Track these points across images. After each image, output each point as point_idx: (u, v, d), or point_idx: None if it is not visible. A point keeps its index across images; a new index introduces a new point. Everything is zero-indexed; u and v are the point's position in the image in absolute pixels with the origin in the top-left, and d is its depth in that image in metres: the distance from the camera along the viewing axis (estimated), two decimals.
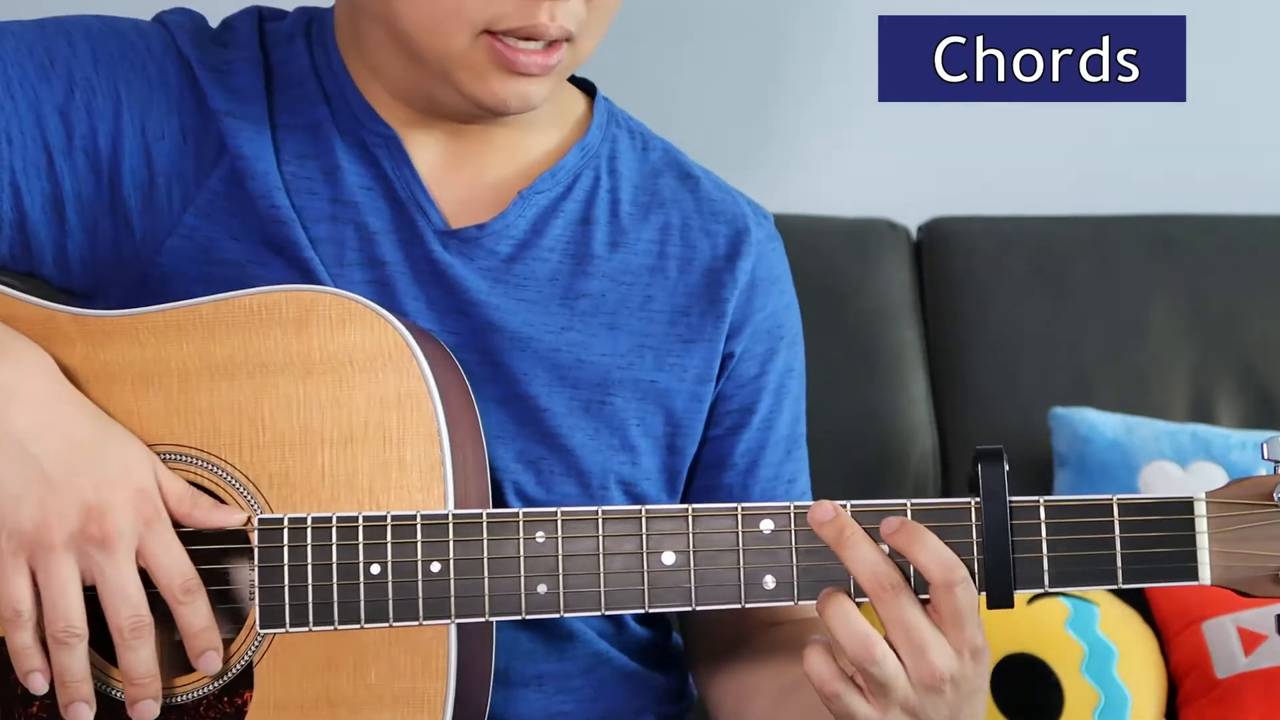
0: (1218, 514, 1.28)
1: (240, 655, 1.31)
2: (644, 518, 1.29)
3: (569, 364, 1.45)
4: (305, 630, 1.29)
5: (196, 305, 1.34)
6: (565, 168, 1.48)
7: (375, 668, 1.31)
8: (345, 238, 1.42)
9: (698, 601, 1.29)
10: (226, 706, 1.31)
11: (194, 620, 1.29)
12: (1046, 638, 2.00)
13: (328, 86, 1.45)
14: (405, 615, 1.29)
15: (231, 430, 1.32)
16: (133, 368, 1.34)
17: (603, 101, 1.53)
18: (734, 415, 1.52)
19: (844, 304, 2.27)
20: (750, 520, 1.29)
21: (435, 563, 1.29)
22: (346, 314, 1.33)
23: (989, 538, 1.27)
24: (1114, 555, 1.28)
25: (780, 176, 2.44)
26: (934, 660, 1.25)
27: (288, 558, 1.29)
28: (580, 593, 1.29)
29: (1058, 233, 2.35)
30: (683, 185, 1.53)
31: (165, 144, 1.41)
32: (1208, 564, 1.28)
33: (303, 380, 1.32)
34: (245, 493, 1.32)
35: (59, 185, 1.39)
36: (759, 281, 1.52)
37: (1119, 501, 1.28)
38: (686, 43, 2.46)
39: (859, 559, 1.26)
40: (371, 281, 1.42)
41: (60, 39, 1.41)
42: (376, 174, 1.44)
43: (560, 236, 1.47)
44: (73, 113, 1.39)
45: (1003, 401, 2.26)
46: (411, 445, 1.31)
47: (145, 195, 1.40)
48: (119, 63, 1.41)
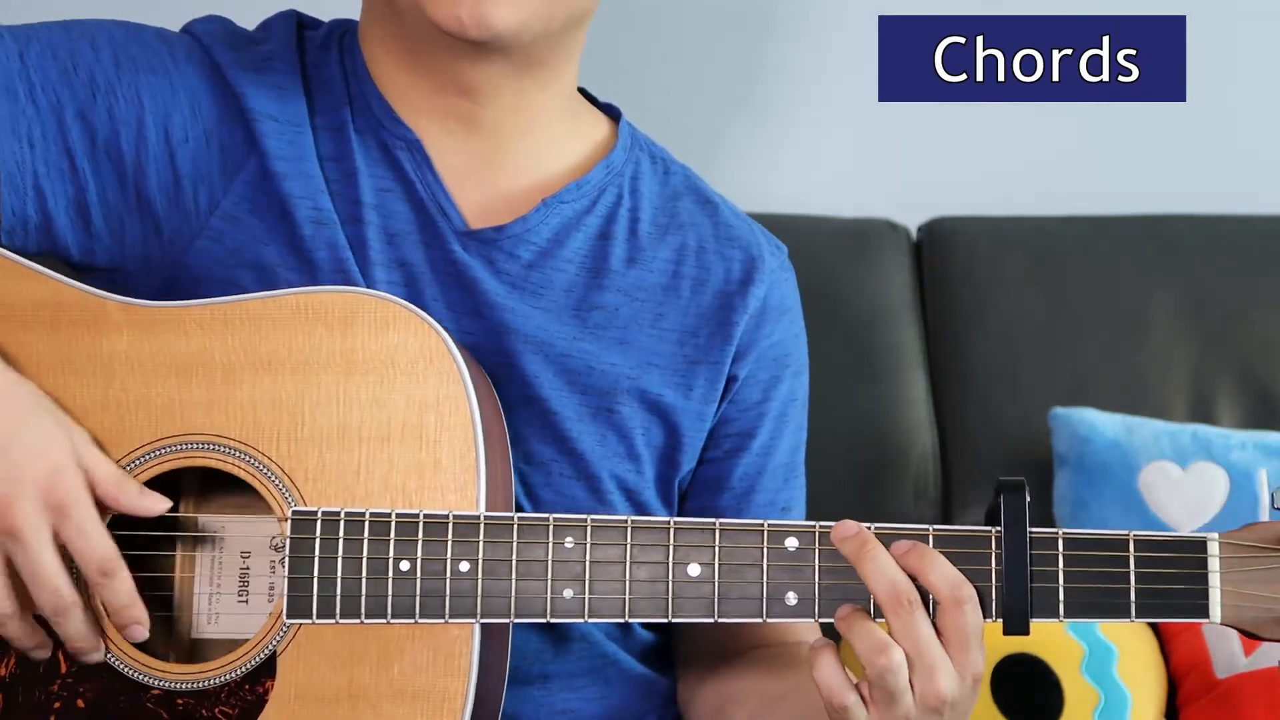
0: (1230, 555, 1.32)
1: (265, 644, 1.33)
2: (671, 529, 1.31)
3: (579, 370, 1.46)
4: (331, 622, 1.31)
5: (244, 301, 1.36)
6: (591, 182, 1.50)
7: (398, 663, 1.32)
8: (369, 239, 1.44)
9: (720, 614, 1.30)
10: (248, 694, 1.32)
11: (113, 598, 1.31)
12: (1046, 638, 2.00)
13: (352, 89, 1.47)
14: (432, 613, 1.30)
15: (272, 424, 1.34)
16: (178, 357, 1.35)
17: (626, 126, 1.56)
18: (734, 439, 1.53)
19: (844, 304, 2.27)
20: (776, 537, 1.31)
21: (464, 562, 1.30)
22: (390, 317, 1.35)
23: (1008, 566, 1.30)
24: (1128, 589, 1.31)
25: (780, 177, 2.44)
26: (940, 681, 1.27)
27: (319, 550, 1.31)
28: (605, 599, 1.30)
29: (1057, 233, 2.35)
30: (701, 210, 1.55)
31: (189, 147, 1.42)
32: (1219, 603, 1.31)
33: (344, 379, 1.34)
34: (281, 485, 1.34)
35: (83, 189, 1.40)
36: (770, 309, 1.54)
37: (1135, 538, 1.32)
38: (686, 42, 2.46)
39: (878, 573, 1.28)
40: (395, 282, 1.44)
41: (84, 43, 1.42)
42: (397, 176, 1.46)
43: (580, 249, 1.49)
44: (95, 117, 1.40)
45: (1003, 401, 2.26)
46: (448, 447, 1.33)
47: (171, 197, 1.42)
48: (141, 67, 1.42)
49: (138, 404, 1.35)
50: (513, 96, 1.46)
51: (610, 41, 1.45)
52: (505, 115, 1.47)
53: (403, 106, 1.46)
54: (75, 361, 1.35)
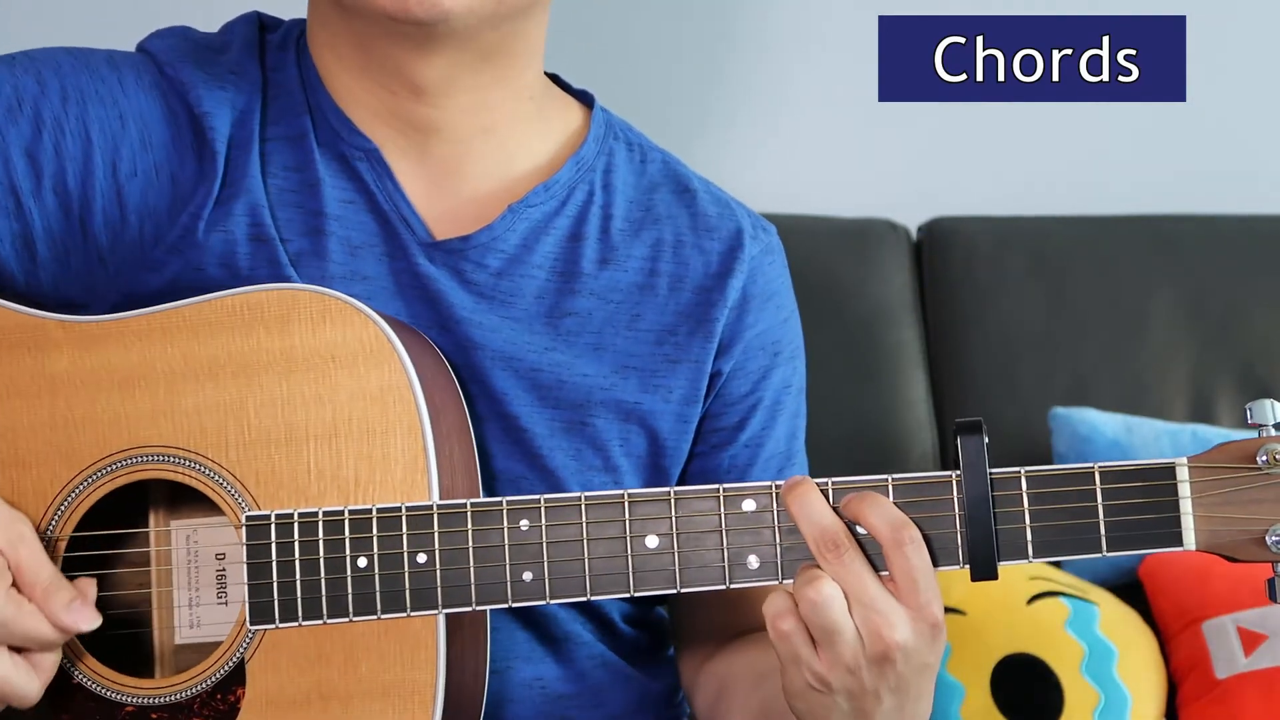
0: (1201, 479, 1.28)
1: (232, 652, 1.32)
2: (626, 502, 1.29)
3: (550, 384, 1.44)
4: (295, 625, 1.30)
5: (180, 307, 1.35)
6: (559, 181, 1.47)
7: (366, 660, 1.32)
8: (329, 251, 1.42)
9: (683, 584, 1.29)
10: (220, 704, 1.32)
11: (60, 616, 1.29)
12: (1046, 638, 2.00)
13: (310, 98, 1.44)
14: (393, 607, 1.29)
15: (218, 430, 1.34)
16: (119, 371, 1.35)
17: (600, 113, 1.52)
18: (722, 433, 1.51)
19: (844, 304, 2.27)
20: (732, 501, 1.29)
21: (421, 554, 1.29)
22: (326, 310, 1.34)
23: (970, 509, 1.26)
24: (1097, 524, 1.27)
25: (780, 177, 2.44)
26: (886, 621, 1.23)
27: (275, 554, 1.30)
28: (566, 579, 1.29)
29: (1057, 233, 2.35)
30: (679, 200, 1.51)
31: (137, 181, 1.40)
32: (1192, 529, 1.27)
33: (286, 378, 1.34)
34: (233, 491, 1.33)
35: (29, 225, 1.39)
36: (751, 298, 1.50)
37: (1100, 469, 1.27)
38: (685, 42, 2.46)
39: (806, 517, 1.25)
40: (354, 296, 1.41)
41: (29, 78, 1.40)
42: (358, 187, 1.43)
43: (550, 253, 1.46)
44: (40, 154, 1.38)
45: (1003, 401, 2.26)
46: (395, 438, 1.32)
47: (116, 231, 1.40)
48: (89, 100, 1.40)
49: (85, 421, 1.34)
50: (469, 95, 1.42)
51: (608, 41, 1.45)
52: (463, 117, 1.43)
53: (358, 114, 1.43)
54: (19, 383, 1.35)
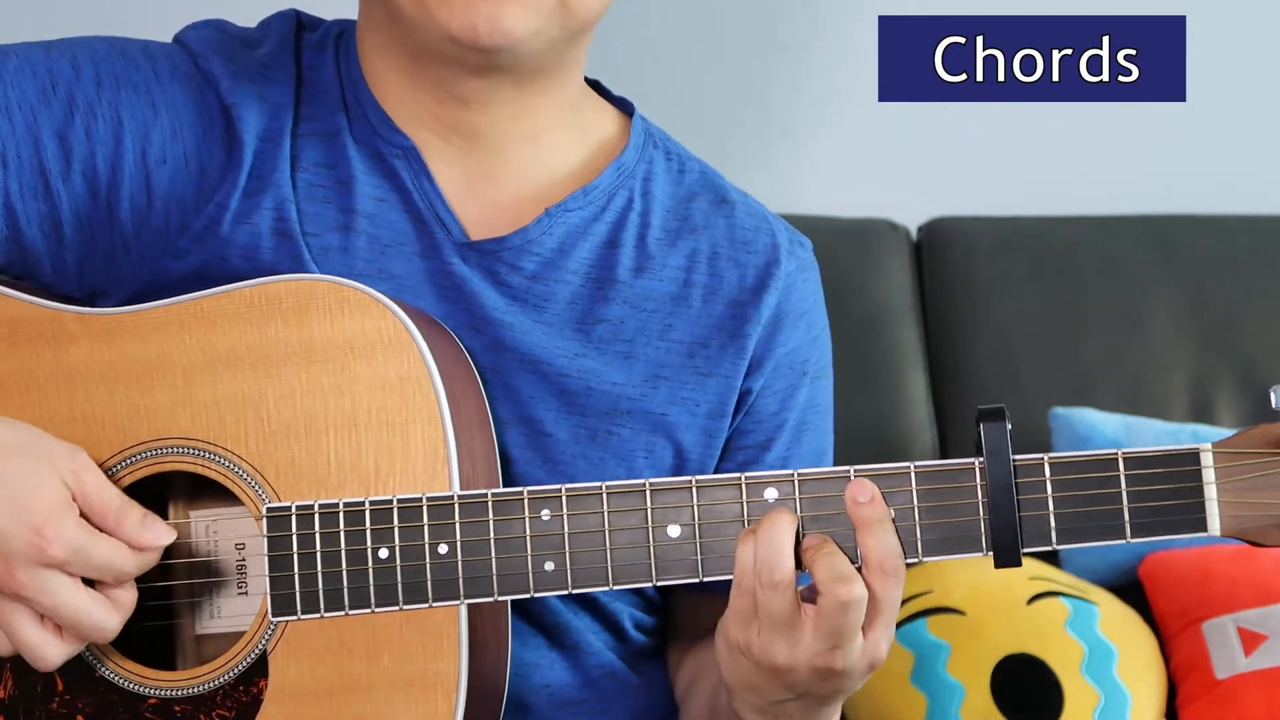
0: (1225, 464, 1.27)
1: (254, 644, 1.32)
2: (648, 491, 1.29)
3: (578, 391, 1.43)
4: (317, 616, 1.30)
5: (197, 299, 1.35)
6: (599, 187, 1.46)
7: (388, 651, 1.32)
8: (356, 248, 1.42)
9: (705, 572, 1.29)
10: (243, 695, 1.32)
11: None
12: (1046, 638, 2.00)
13: (347, 95, 1.45)
14: (415, 598, 1.29)
15: (237, 421, 1.33)
16: (137, 364, 1.35)
17: (640, 121, 1.51)
18: (748, 450, 1.50)
19: (844, 304, 2.27)
20: (754, 490, 1.29)
21: (443, 544, 1.29)
22: (344, 301, 1.34)
23: (994, 496, 1.27)
24: (1121, 510, 1.26)
25: (781, 176, 2.45)
26: (883, 646, 1.26)
27: (296, 545, 1.30)
28: (588, 569, 1.29)
29: (1058, 233, 2.35)
30: (717, 211, 1.51)
31: (166, 169, 1.40)
32: (1216, 515, 1.26)
33: (304, 369, 1.33)
34: (253, 483, 1.33)
35: (56, 207, 1.39)
36: (784, 315, 1.50)
37: (1124, 455, 1.27)
38: (686, 42, 2.46)
39: (881, 546, 1.26)
40: (384, 294, 1.41)
41: (63, 61, 1.40)
42: (393, 185, 1.43)
43: (585, 259, 1.45)
44: (71, 136, 1.39)
45: (1003, 401, 2.25)
46: (415, 429, 1.32)
47: (142, 218, 1.40)
48: (122, 86, 1.40)
49: (103, 414, 1.34)
50: (513, 105, 1.43)
51: (611, 43, 1.45)
52: (506, 124, 1.44)
53: (400, 115, 1.44)
54: (38, 377, 1.35)
